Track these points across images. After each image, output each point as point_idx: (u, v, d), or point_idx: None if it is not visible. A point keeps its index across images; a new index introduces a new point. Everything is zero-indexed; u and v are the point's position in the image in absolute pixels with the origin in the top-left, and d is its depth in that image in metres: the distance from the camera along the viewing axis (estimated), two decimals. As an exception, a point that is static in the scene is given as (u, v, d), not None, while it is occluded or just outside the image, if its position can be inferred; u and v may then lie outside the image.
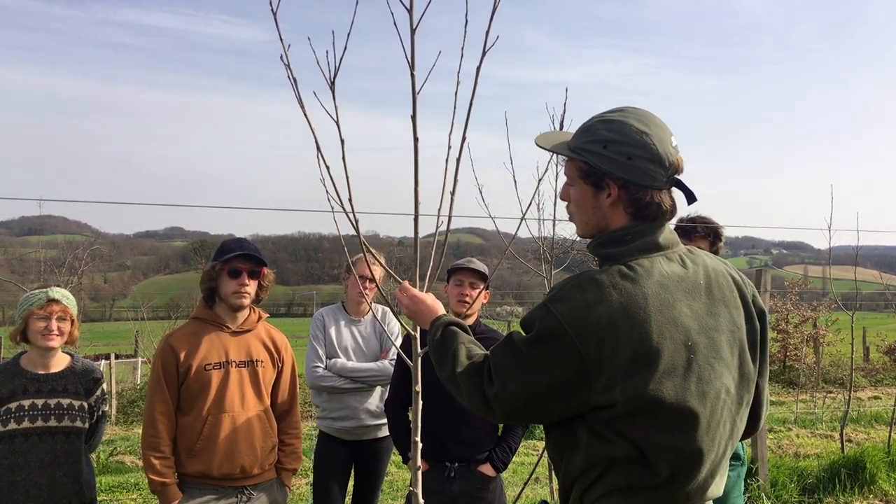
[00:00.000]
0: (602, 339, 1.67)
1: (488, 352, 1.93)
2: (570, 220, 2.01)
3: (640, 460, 1.72)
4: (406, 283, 2.32)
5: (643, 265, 1.78)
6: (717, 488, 1.84)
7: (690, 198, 1.92)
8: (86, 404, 3.45)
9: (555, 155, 6.17)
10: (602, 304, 1.69)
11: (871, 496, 6.41)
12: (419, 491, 2.29)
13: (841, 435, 7.69)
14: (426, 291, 2.37)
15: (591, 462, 1.75)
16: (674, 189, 1.91)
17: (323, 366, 4.27)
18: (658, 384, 1.67)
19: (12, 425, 3.27)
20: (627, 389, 1.66)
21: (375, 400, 4.31)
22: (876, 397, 14.29)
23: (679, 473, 1.73)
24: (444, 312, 2.21)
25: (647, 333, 1.68)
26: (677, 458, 1.71)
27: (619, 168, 1.80)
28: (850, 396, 8.34)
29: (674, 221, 1.99)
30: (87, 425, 3.46)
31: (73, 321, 3.44)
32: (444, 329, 2.07)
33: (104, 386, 3.59)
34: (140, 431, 4.25)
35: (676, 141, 1.86)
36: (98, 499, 6.44)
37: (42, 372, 3.38)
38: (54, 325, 3.33)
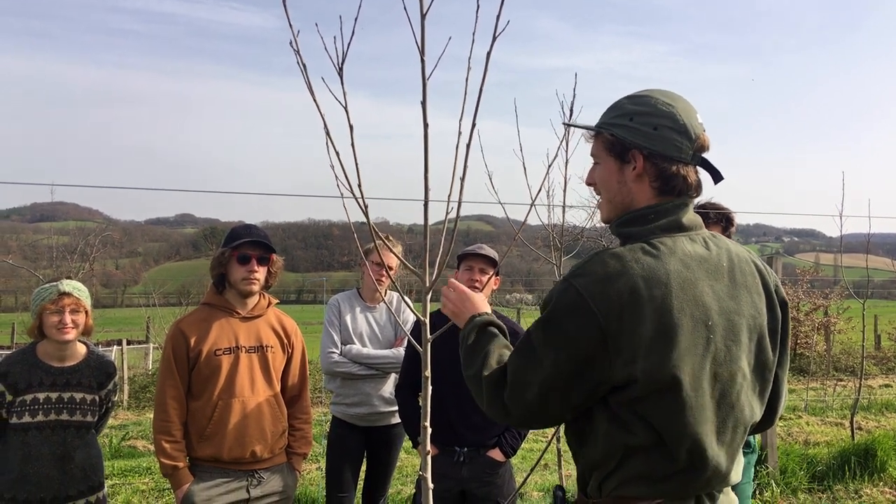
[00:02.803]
0: (622, 313, 1.65)
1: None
2: (598, 206, 2.00)
3: (658, 447, 1.70)
4: (453, 280, 2.29)
5: (665, 243, 1.76)
6: (735, 474, 1.83)
7: (717, 177, 1.91)
8: (97, 398, 3.49)
9: (565, 141, 6.15)
10: (624, 277, 1.67)
11: (882, 483, 6.40)
12: (429, 475, 2.30)
13: (851, 423, 7.67)
14: (435, 278, 2.36)
15: (609, 450, 1.74)
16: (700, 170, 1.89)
17: (338, 352, 4.28)
18: (678, 361, 1.66)
19: (26, 418, 3.31)
20: (648, 366, 1.64)
21: (389, 387, 4.32)
22: (887, 385, 14.23)
23: (696, 459, 1.72)
24: (488, 311, 2.15)
25: (669, 309, 1.66)
26: (694, 442, 1.70)
27: (644, 138, 1.80)
28: (860, 384, 8.31)
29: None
30: (96, 418, 3.50)
31: (86, 312, 3.46)
32: (481, 328, 2.03)
33: (116, 378, 3.62)
34: (152, 416, 4.29)
35: (702, 119, 1.85)
36: (110, 483, 6.52)
37: (58, 365, 3.41)
38: (68, 318, 3.35)
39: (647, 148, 1.80)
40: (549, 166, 3.01)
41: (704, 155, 1.87)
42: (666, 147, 1.80)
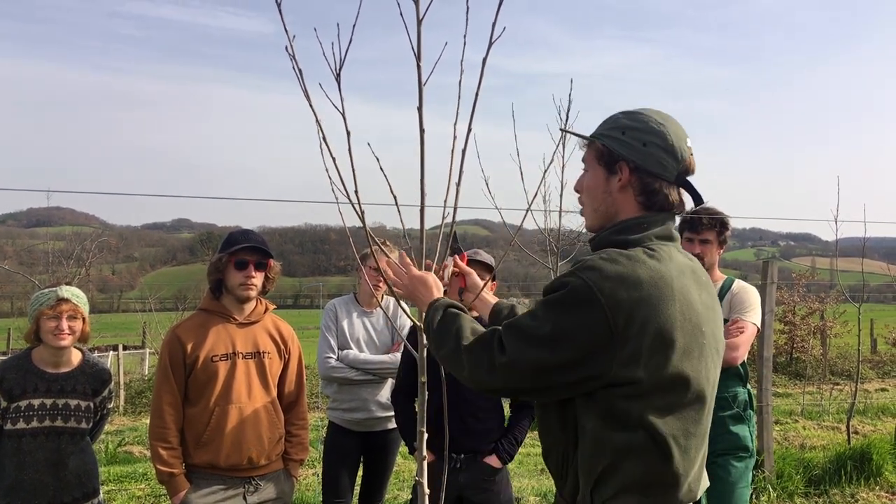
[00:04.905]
0: (632, 312, 1.67)
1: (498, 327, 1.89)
2: (581, 213, 2.07)
3: (652, 450, 1.71)
4: (406, 259, 2.30)
5: (663, 249, 1.82)
6: (706, 481, 1.88)
7: (697, 200, 1.98)
8: (92, 404, 3.48)
9: (561, 146, 6.17)
10: (633, 275, 1.70)
11: (878, 488, 6.40)
12: (425, 481, 2.30)
13: (847, 427, 7.68)
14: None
15: (599, 451, 1.73)
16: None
17: (335, 357, 4.27)
18: (679, 363, 1.70)
19: (21, 424, 3.30)
20: (651, 366, 1.67)
21: (386, 392, 4.32)
22: (883, 389, 14.25)
23: (688, 465, 1.75)
24: (442, 295, 2.18)
25: (672, 312, 1.70)
26: (687, 444, 1.73)
27: (633, 152, 1.86)
28: (856, 388, 8.31)
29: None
30: (91, 425, 3.49)
31: (84, 319, 3.45)
32: (446, 310, 2.03)
33: (111, 385, 3.61)
34: (148, 422, 4.27)
35: (692, 143, 1.92)
36: (106, 489, 6.50)
37: (52, 371, 3.40)
38: (65, 324, 3.35)
39: (634, 161, 1.87)
40: (546, 171, 3.00)
41: (689, 178, 1.94)
42: (651, 163, 1.86)
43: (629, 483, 1.72)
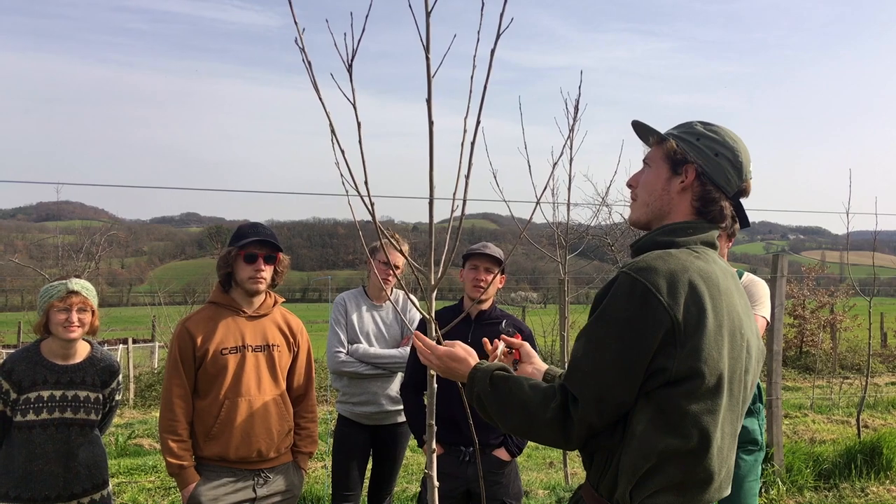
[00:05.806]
0: (689, 307, 1.71)
1: (556, 376, 1.93)
2: (630, 206, 2.10)
3: (698, 454, 1.73)
4: (425, 339, 2.17)
5: (708, 254, 1.88)
6: (729, 486, 1.90)
7: (744, 223, 2.05)
8: (101, 396, 3.50)
9: (570, 139, 6.15)
10: (687, 273, 1.74)
11: (888, 482, 6.38)
12: (434, 474, 2.30)
13: (857, 420, 7.65)
14: (440, 276, 2.35)
15: (645, 453, 1.74)
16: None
17: (345, 351, 4.27)
18: (730, 361, 1.75)
19: (31, 416, 3.32)
20: (710, 362, 1.70)
21: (396, 386, 4.32)
22: (893, 383, 14.18)
23: (722, 464, 1.79)
24: (478, 360, 2.07)
25: (720, 309, 1.75)
26: (722, 445, 1.77)
27: (703, 158, 1.92)
28: (866, 382, 8.27)
29: None
30: (100, 416, 3.51)
31: (93, 311, 3.47)
32: (492, 378, 1.95)
33: (120, 377, 3.63)
34: (158, 415, 4.29)
35: (753, 168, 1.99)
36: (116, 481, 6.54)
37: (61, 363, 3.42)
38: (74, 316, 3.36)
39: (702, 167, 1.92)
40: (555, 164, 2.98)
41: (742, 200, 2.00)
42: (718, 174, 1.92)
43: (669, 484, 1.74)
